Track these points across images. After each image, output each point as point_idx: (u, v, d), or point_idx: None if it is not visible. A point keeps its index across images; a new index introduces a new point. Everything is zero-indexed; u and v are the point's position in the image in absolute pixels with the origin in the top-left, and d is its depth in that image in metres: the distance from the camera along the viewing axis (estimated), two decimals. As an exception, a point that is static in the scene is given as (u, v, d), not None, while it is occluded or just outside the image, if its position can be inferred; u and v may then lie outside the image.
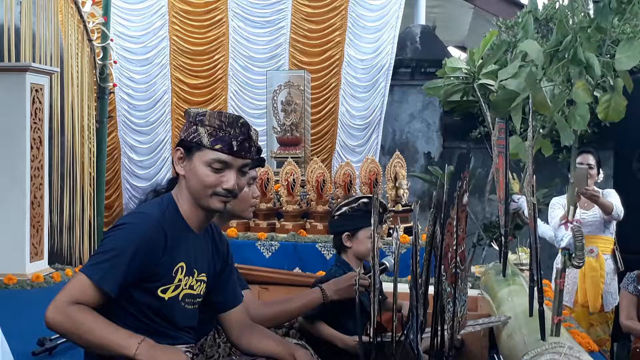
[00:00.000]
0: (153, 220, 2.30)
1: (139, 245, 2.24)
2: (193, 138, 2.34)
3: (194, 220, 2.42)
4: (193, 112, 2.39)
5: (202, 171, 2.33)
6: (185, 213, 2.40)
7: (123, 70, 8.81)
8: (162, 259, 2.30)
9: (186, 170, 2.37)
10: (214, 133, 2.33)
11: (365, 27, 8.61)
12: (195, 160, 2.34)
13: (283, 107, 7.72)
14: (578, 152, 5.47)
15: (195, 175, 2.34)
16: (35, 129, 5.69)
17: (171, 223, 2.34)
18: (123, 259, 2.22)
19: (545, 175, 6.99)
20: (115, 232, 2.28)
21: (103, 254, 2.24)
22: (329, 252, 6.21)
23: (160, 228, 2.30)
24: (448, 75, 5.19)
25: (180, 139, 2.39)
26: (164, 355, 2.19)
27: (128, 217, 2.34)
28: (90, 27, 7.25)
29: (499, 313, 3.11)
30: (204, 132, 2.33)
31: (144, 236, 2.26)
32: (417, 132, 9.16)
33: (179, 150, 2.37)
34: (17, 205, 5.58)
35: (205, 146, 2.33)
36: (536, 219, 2.39)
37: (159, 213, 2.33)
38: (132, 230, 2.27)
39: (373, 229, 2.38)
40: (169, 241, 2.31)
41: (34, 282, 5.44)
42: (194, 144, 2.34)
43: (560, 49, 2.05)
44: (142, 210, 2.37)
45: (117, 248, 2.23)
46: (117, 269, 2.21)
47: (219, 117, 2.35)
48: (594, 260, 5.30)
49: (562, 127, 2.11)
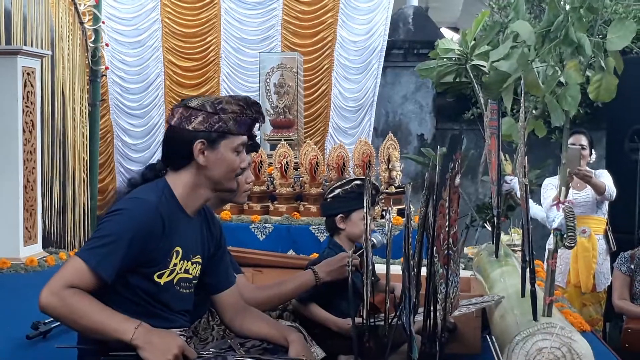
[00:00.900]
0: (151, 206, 2.30)
1: (136, 232, 2.24)
2: (218, 128, 2.36)
3: (190, 204, 2.43)
4: (206, 102, 2.39)
5: (231, 157, 2.39)
6: (182, 197, 2.40)
7: (115, 53, 8.77)
8: (160, 245, 2.31)
9: (209, 160, 2.37)
10: (238, 119, 2.38)
11: (358, 9, 8.58)
12: (222, 149, 2.38)
13: (276, 90, 7.70)
14: (570, 133, 5.47)
15: (224, 163, 2.39)
16: (27, 112, 5.67)
17: (168, 208, 2.34)
18: (120, 244, 2.21)
19: (538, 156, 7.01)
20: (112, 217, 2.27)
21: (100, 238, 2.23)
22: (322, 235, 6.23)
23: (158, 214, 2.30)
24: (441, 57, 5.18)
25: (198, 131, 2.36)
26: (160, 339, 2.19)
27: (125, 203, 2.32)
28: (81, 9, 7.21)
29: (492, 294, 3.12)
30: (229, 119, 2.37)
31: (142, 222, 2.26)
32: (410, 113, 9.16)
33: (200, 142, 2.36)
34: (10, 190, 5.57)
35: (233, 133, 2.37)
36: (528, 200, 2.40)
37: (156, 198, 2.33)
38: (130, 216, 2.26)
39: (365, 210, 2.38)
40: (167, 227, 2.31)
41: (28, 266, 5.44)
42: (219, 133, 2.36)
43: (552, 29, 2.05)
44: (138, 195, 2.35)
45: (114, 233, 2.23)
46: (114, 255, 2.21)
47: (237, 102, 2.40)
48: (587, 241, 5.32)
49: (553, 107, 2.11)
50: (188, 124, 2.37)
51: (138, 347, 2.16)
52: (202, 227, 2.53)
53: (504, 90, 2.19)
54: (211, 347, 2.54)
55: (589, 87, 2.17)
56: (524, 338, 2.24)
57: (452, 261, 2.25)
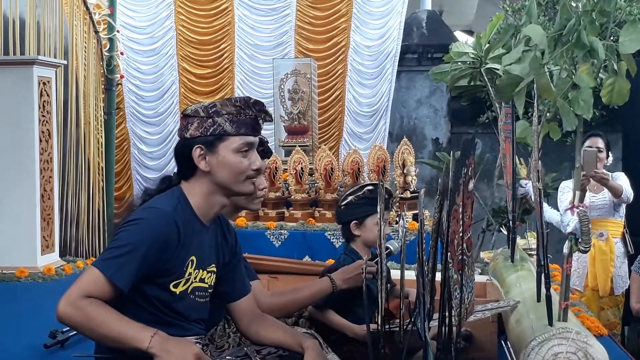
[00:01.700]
0: (167, 215, 2.31)
1: (152, 241, 2.25)
2: (214, 131, 2.35)
3: (205, 213, 2.44)
4: (200, 108, 2.39)
5: (234, 159, 2.37)
6: (197, 206, 2.41)
7: (130, 62, 8.81)
8: (175, 254, 2.32)
9: (212, 165, 2.37)
10: (235, 119, 2.36)
11: (371, 14, 8.58)
12: (222, 152, 2.36)
13: (290, 96, 7.72)
14: (587, 135, 5.45)
15: (227, 166, 2.37)
16: (44, 122, 5.71)
17: (183, 217, 2.35)
18: (136, 254, 2.23)
19: (553, 159, 6.97)
20: (129, 227, 2.28)
21: (116, 249, 2.24)
22: (338, 240, 6.22)
23: (173, 223, 2.31)
24: (455, 61, 5.15)
25: (194, 137, 2.36)
26: (176, 347, 2.20)
27: (141, 212, 2.34)
28: (96, 18, 7.26)
29: (508, 299, 3.11)
30: (224, 121, 2.36)
31: (158, 232, 2.27)
32: (424, 118, 9.14)
33: (198, 148, 2.36)
34: (27, 199, 5.60)
35: (230, 134, 2.35)
36: (542, 204, 2.39)
37: (171, 208, 2.34)
38: (145, 225, 2.27)
39: (379, 216, 2.38)
40: (182, 236, 2.32)
41: (46, 274, 5.47)
42: (215, 136, 2.35)
43: (564, 33, 2.04)
44: (154, 205, 2.36)
45: (130, 243, 2.24)
46: (131, 265, 2.22)
47: (233, 103, 2.38)
48: (604, 244, 5.29)
49: (565, 112, 2.10)
50: (186, 132, 2.39)
51: (155, 355, 2.17)
52: (217, 235, 2.54)
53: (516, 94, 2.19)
54: (227, 354, 2.55)
55: (602, 90, 2.16)
56: (539, 343, 2.23)
57: (466, 267, 2.24)
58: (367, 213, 3.36)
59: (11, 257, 5.50)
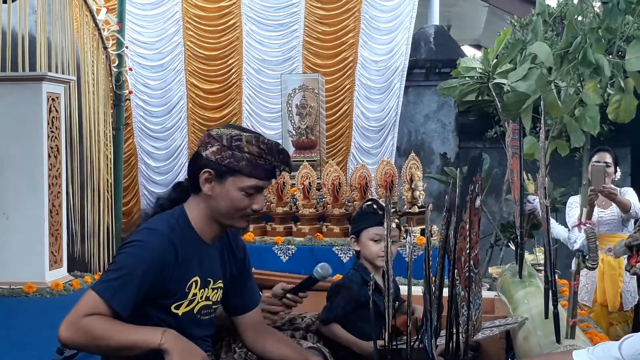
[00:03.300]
0: (163, 236, 2.31)
1: (149, 263, 2.25)
2: (228, 163, 2.32)
3: (207, 233, 2.43)
4: (225, 135, 2.34)
5: (235, 196, 2.34)
6: (198, 226, 2.40)
7: (138, 77, 8.85)
8: (174, 275, 2.31)
9: (214, 191, 2.35)
10: (254, 161, 2.32)
11: (379, 29, 8.60)
12: (229, 185, 2.33)
13: (298, 111, 7.73)
14: (595, 150, 5.44)
15: (227, 199, 2.34)
16: (52, 137, 5.73)
17: (182, 237, 2.35)
18: (134, 277, 2.23)
19: (562, 174, 6.95)
20: (126, 249, 2.29)
21: (113, 271, 2.25)
22: (345, 255, 6.22)
23: (170, 244, 2.30)
24: (462, 75, 5.16)
25: (209, 160, 2.33)
26: (186, 343, 2.21)
27: (138, 234, 2.34)
28: (105, 34, 7.29)
29: (515, 315, 3.10)
30: (243, 159, 2.31)
31: (155, 252, 2.27)
32: (432, 132, 9.15)
33: (207, 172, 2.33)
34: (35, 214, 5.61)
35: (243, 174, 2.32)
36: (549, 221, 2.38)
37: (168, 229, 2.33)
38: (142, 247, 2.28)
39: (386, 232, 2.38)
40: (180, 257, 2.32)
41: (54, 290, 5.47)
42: (228, 168, 2.32)
43: (570, 50, 2.04)
44: (151, 226, 2.36)
45: (127, 266, 2.24)
46: (128, 287, 2.22)
47: (258, 144, 2.33)
48: (613, 259, 5.27)
49: (573, 128, 2.10)
50: (204, 149, 2.37)
51: (166, 351, 2.17)
52: (223, 251, 2.54)
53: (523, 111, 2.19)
54: (233, 370, 2.55)
55: (608, 107, 2.16)
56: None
57: (473, 283, 2.24)
58: (362, 227, 3.36)
59: (19, 272, 5.50)
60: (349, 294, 3.27)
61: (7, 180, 5.58)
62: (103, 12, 7.19)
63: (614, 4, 1.97)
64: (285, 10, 8.75)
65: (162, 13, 8.87)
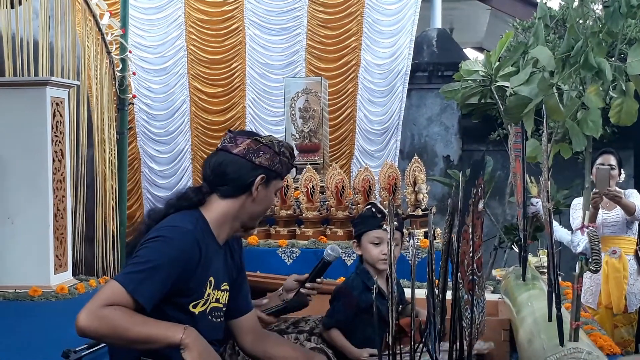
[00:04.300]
0: (188, 234, 2.33)
1: (175, 259, 2.27)
2: (277, 169, 2.50)
3: (222, 233, 2.49)
4: (275, 142, 2.52)
5: (272, 198, 2.56)
6: (215, 226, 2.44)
7: (141, 81, 8.86)
8: (196, 273, 2.33)
9: (260, 195, 2.48)
10: (288, 165, 2.55)
11: (381, 32, 8.61)
12: (271, 188, 2.52)
13: (301, 114, 7.74)
14: (599, 153, 5.44)
15: (267, 201, 2.53)
16: (57, 142, 5.75)
17: (203, 236, 2.37)
18: (158, 271, 2.23)
19: (566, 176, 6.96)
20: (150, 243, 2.29)
21: (138, 264, 2.24)
22: (349, 258, 6.22)
23: (195, 242, 2.33)
24: (465, 79, 5.18)
25: (262, 166, 2.47)
26: (207, 345, 2.23)
27: (163, 230, 2.35)
28: (108, 39, 7.31)
29: (519, 318, 3.11)
30: (283, 163, 2.52)
31: (181, 250, 2.29)
32: (435, 135, 9.16)
33: (262, 176, 2.46)
34: (40, 218, 5.63)
35: (281, 176, 2.53)
36: (552, 224, 2.39)
37: (192, 226, 2.36)
38: (169, 243, 2.29)
39: (389, 236, 2.38)
40: (203, 255, 2.35)
41: (59, 293, 5.48)
42: (275, 173, 2.50)
43: (572, 54, 2.05)
44: (177, 223, 2.37)
45: (152, 260, 2.25)
46: (152, 281, 2.22)
47: (289, 149, 2.56)
48: (617, 261, 5.27)
49: (575, 132, 2.11)
50: (255, 157, 2.46)
51: (187, 347, 2.18)
52: (227, 254, 2.57)
53: (525, 115, 2.20)
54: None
55: (610, 111, 2.17)
56: (551, 363, 2.22)
57: (477, 287, 2.24)
58: (362, 231, 3.37)
59: (24, 276, 5.52)
60: (350, 299, 3.28)
61: (12, 185, 5.60)
62: (106, 16, 7.21)
63: (615, 7, 1.98)
64: (288, 15, 8.76)
65: (165, 17, 8.88)
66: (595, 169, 5.26)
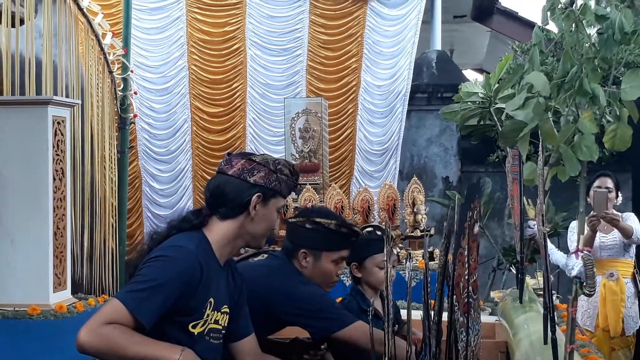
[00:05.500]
0: (191, 253, 2.35)
1: (177, 279, 2.28)
2: (274, 186, 2.49)
3: (224, 254, 2.50)
4: (269, 160, 2.53)
5: (274, 216, 2.53)
6: (217, 247, 2.46)
7: (143, 100, 8.90)
8: (198, 293, 2.35)
9: (259, 214, 2.48)
10: (288, 183, 2.53)
11: (382, 54, 8.69)
12: (271, 206, 2.50)
13: (301, 134, 7.79)
14: (596, 175, 5.47)
15: (267, 220, 2.51)
16: (57, 160, 5.77)
17: (205, 257, 2.39)
18: (160, 290, 2.25)
19: (565, 198, 6.96)
20: (153, 262, 2.32)
21: (139, 283, 2.27)
22: (348, 279, 6.20)
23: (197, 262, 2.35)
24: (464, 100, 5.20)
25: (259, 184, 2.47)
26: None
27: (165, 250, 2.37)
28: (110, 58, 7.36)
29: (516, 340, 3.12)
30: (282, 181, 2.51)
31: (183, 269, 2.31)
32: (435, 156, 9.19)
33: (258, 195, 2.46)
34: (40, 237, 5.64)
35: (282, 194, 2.52)
36: (547, 247, 2.41)
37: (195, 247, 2.38)
38: (171, 263, 2.31)
39: (386, 258, 2.40)
40: (204, 276, 2.36)
41: (58, 312, 5.48)
42: (273, 191, 2.49)
43: (567, 79, 2.08)
44: (178, 243, 2.40)
45: (154, 279, 2.27)
46: (153, 300, 2.24)
47: (289, 167, 2.55)
48: (614, 284, 5.28)
49: (568, 157, 2.13)
50: (250, 176, 2.47)
51: None
52: (228, 276, 2.58)
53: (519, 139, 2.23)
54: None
55: (605, 136, 2.19)
56: (546, 386, 2.23)
57: (472, 309, 2.26)
58: (366, 254, 3.37)
59: (23, 295, 5.52)
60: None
61: (12, 203, 5.62)
62: (109, 36, 7.27)
63: (609, 34, 2.01)
64: (289, 36, 8.83)
65: (167, 37, 8.94)
66: (593, 192, 5.29)
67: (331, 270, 3.11)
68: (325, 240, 3.07)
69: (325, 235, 3.06)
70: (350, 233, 3.11)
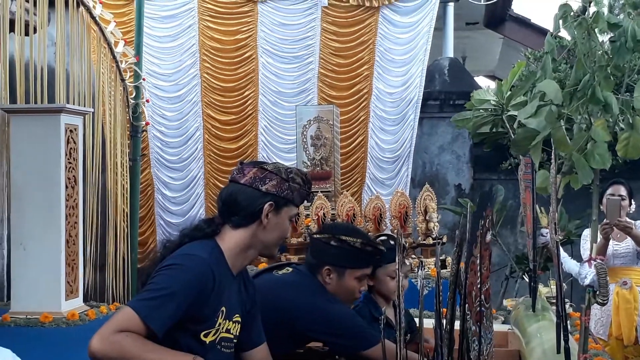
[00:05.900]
0: (204, 262, 2.35)
1: (189, 287, 2.29)
2: (287, 195, 2.49)
3: (237, 263, 2.50)
4: (281, 168, 2.53)
5: (286, 225, 2.52)
6: (230, 256, 2.46)
7: (155, 108, 8.92)
8: (210, 302, 2.35)
9: (271, 223, 2.48)
10: (300, 190, 2.53)
11: (393, 61, 8.68)
12: (283, 215, 2.50)
13: (313, 142, 7.79)
14: (609, 183, 5.44)
15: (280, 229, 2.51)
16: (70, 168, 5.79)
17: (217, 266, 2.39)
18: (172, 298, 2.26)
19: (578, 206, 6.94)
20: (165, 271, 2.32)
21: (152, 291, 2.27)
22: (360, 286, 6.20)
23: (210, 270, 2.35)
24: (477, 108, 5.19)
25: (270, 193, 2.47)
26: None
27: (178, 258, 2.38)
28: (123, 67, 7.39)
29: (528, 349, 3.10)
30: (295, 189, 2.50)
31: (195, 277, 2.31)
32: (447, 164, 9.17)
33: (270, 204, 2.46)
34: (52, 244, 5.66)
35: (294, 203, 2.51)
36: (559, 256, 2.39)
37: (207, 255, 2.38)
38: (183, 271, 2.32)
39: (397, 267, 2.39)
40: (217, 284, 2.36)
41: (70, 320, 5.50)
42: (285, 199, 2.49)
43: (579, 87, 2.07)
44: (192, 252, 2.40)
45: (167, 287, 2.27)
46: (165, 308, 2.25)
47: (301, 176, 2.55)
48: (628, 292, 5.23)
49: (581, 165, 2.12)
50: (262, 185, 2.47)
51: None
52: (241, 285, 2.58)
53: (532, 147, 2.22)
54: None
55: (617, 144, 2.18)
56: (559, 396, 2.22)
57: (484, 318, 2.24)
58: (379, 264, 3.36)
59: (35, 302, 5.54)
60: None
61: (25, 211, 5.64)
62: (121, 44, 7.29)
63: (622, 42, 2.00)
64: (301, 43, 8.84)
65: (179, 45, 8.96)
66: (606, 200, 5.25)
67: (354, 287, 3.11)
68: (350, 258, 3.06)
69: (350, 253, 3.05)
70: (375, 251, 3.11)
